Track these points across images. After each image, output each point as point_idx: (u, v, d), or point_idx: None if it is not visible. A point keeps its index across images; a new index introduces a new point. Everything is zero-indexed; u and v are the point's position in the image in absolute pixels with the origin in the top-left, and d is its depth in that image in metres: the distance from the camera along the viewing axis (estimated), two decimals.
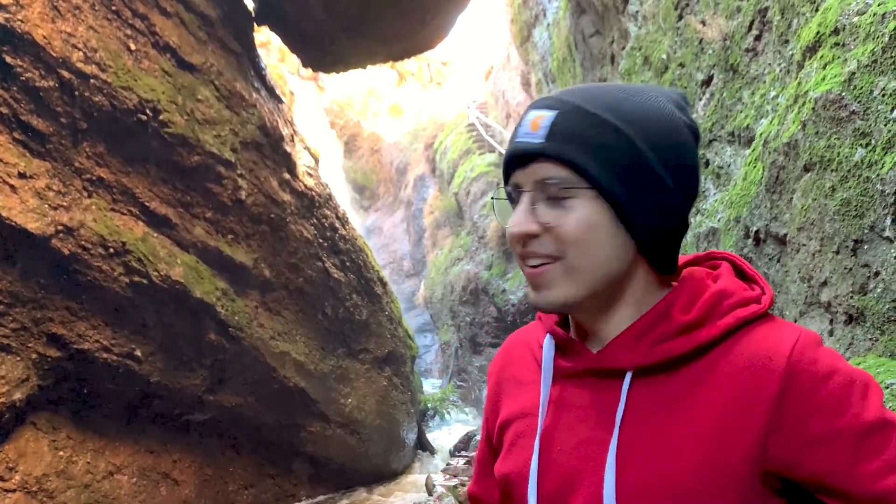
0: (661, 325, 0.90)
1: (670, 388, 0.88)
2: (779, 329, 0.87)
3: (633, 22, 6.60)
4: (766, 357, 0.84)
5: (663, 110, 0.91)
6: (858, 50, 2.69)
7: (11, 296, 5.19)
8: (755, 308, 0.89)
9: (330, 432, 8.49)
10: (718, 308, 0.89)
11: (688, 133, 0.92)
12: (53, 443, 5.71)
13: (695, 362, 0.88)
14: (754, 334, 0.87)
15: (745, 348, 0.86)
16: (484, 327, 15.54)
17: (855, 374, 0.83)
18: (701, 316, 0.89)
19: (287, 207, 7.52)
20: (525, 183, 0.91)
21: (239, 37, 7.23)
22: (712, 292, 0.90)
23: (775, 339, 0.86)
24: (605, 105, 0.89)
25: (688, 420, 0.86)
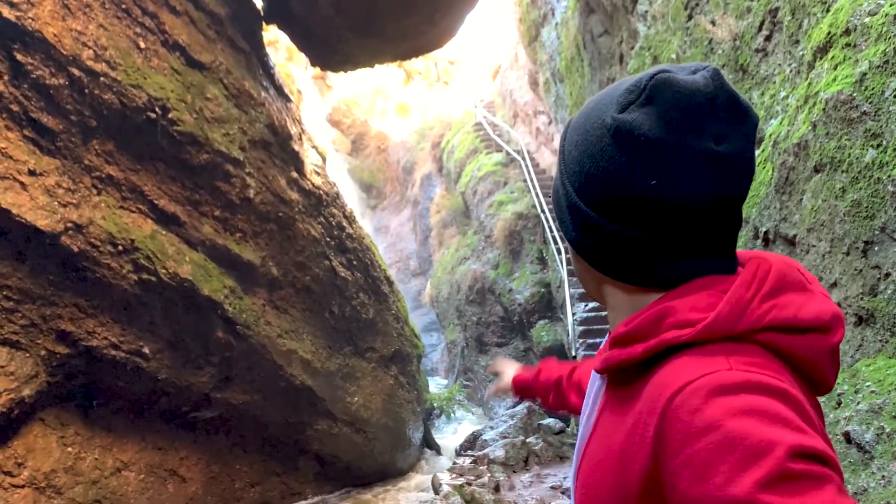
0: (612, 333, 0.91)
1: (621, 397, 0.88)
2: (691, 364, 0.77)
3: (642, 22, 6.58)
4: (658, 392, 0.77)
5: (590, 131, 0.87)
6: (870, 50, 2.68)
7: (21, 292, 5.22)
8: (683, 333, 0.80)
9: (336, 430, 8.50)
10: (658, 326, 0.83)
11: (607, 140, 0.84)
12: (62, 439, 5.74)
13: (641, 378, 0.84)
14: (673, 364, 0.79)
15: (659, 377, 0.80)
16: (490, 327, 15.54)
17: (746, 438, 0.67)
18: (636, 332, 0.85)
19: (295, 206, 7.53)
20: None
21: (247, 35, 7.25)
22: (658, 308, 0.85)
23: (676, 375, 0.77)
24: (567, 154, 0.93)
25: (614, 431, 0.86)
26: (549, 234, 13.75)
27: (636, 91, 0.83)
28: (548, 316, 14.10)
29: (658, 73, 0.82)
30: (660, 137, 0.80)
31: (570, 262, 10.13)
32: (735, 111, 0.82)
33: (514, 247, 15.53)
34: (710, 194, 0.81)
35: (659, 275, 0.88)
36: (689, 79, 0.82)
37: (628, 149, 0.82)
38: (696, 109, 0.80)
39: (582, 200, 0.88)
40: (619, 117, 0.82)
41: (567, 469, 8.28)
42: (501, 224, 15.89)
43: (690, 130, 0.80)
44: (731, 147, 0.81)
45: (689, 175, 0.80)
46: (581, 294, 12.57)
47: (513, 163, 18.02)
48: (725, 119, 0.81)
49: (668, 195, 0.81)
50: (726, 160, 0.81)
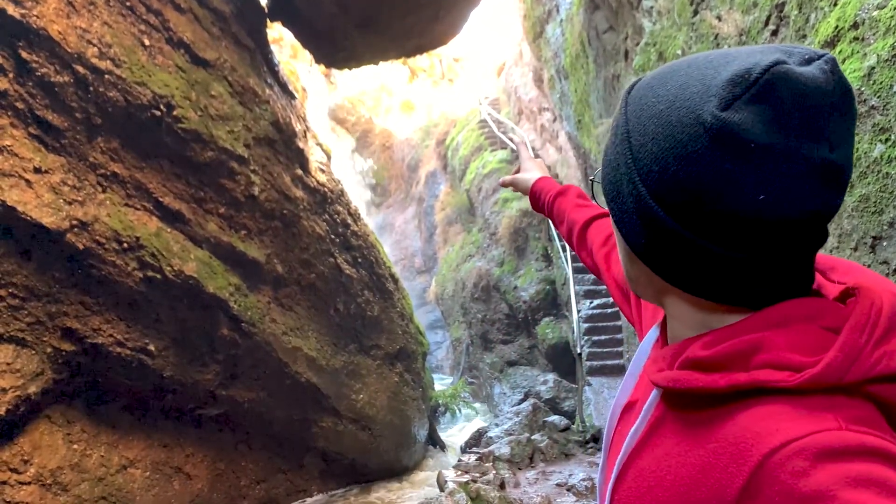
0: (687, 350, 0.80)
1: (688, 420, 0.79)
2: (792, 416, 0.67)
3: (647, 17, 6.56)
4: (749, 441, 0.68)
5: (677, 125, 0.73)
6: (878, 44, 2.66)
7: (27, 290, 5.23)
8: (782, 377, 0.70)
9: (341, 428, 8.51)
10: (748, 359, 0.73)
11: (704, 141, 0.70)
12: (68, 436, 5.76)
13: (715, 407, 0.75)
14: (762, 408, 0.70)
15: (742, 420, 0.71)
16: (495, 324, 15.53)
17: None
18: (719, 359, 0.75)
19: (299, 203, 7.53)
20: None
21: (252, 33, 7.25)
22: (751, 338, 0.74)
23: (774, 425, 0.67)
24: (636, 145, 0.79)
25: (678, 462, 0.77)
26: (554, 231, 13.73)
27: (744, 84, 0.69)
28: (553, 313, 14.09)
29: (775, 65, 0.68)
30: (773, 144, 0.68)
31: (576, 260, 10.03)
32: (849, 109, 0.71)
33: (519, 244, 15.52)
34: (816, 209, 0.71)
35: (742, 293, 0.77)
36: (807, 72, 0.69)
37: (732, 155, 0.69)
38: (816, 111, 0.69)
39: (658, 204, 0.75)
40: (723, 116, 0.69)
41: (572, 466, 8.27)
42: (506, 221, 15.87)
43: (808, 136, 0.68)
44: (843, 153, 0.71)
45: (800, 189, 0.69)
46: (587, 291, 12.56)
47: (518, 160, 17.98)
48: (841, 120, 0.70)
49: (771, 212, 0.70)
50: (839, 170, 0.70)
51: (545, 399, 12.13)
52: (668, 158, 0.73)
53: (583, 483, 7.15)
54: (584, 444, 9.04)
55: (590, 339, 11.31)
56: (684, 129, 0.72)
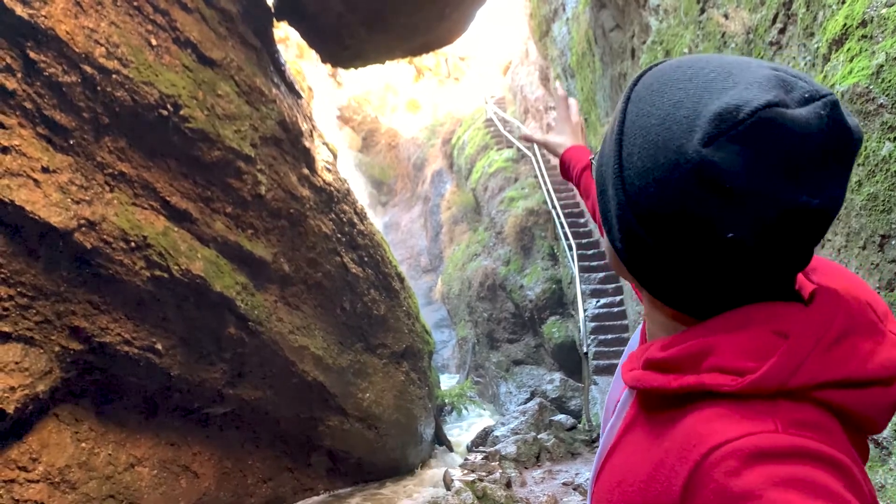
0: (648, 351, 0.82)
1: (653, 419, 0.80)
2: (731, 418, 0.69)
3: (654, 16, 6.54)
4: (692, 441, 0.70)
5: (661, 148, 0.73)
6: (887, 42, 2.65)
7: (35, 289, 5.25)
8: (724, 381, 0.71)
9: (348, 426, 8.52)
10: (700, 361, 0.75)
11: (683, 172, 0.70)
12: (76, 434, 5.78)
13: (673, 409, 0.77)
14: (709, 412, 0.71)
15: (692, 420, 0.72)
16: (501, 323, 15.53)
17: None
18: (673, 361, 0.77)
19: (306, 202, 7.55)
20: None
21: (258, 32, 7.26)
22: (702, 342, 0.75)
23: (714, 428, 0.69)
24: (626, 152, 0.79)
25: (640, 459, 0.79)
26: (560, 230, 13.72)
27: (730, 121, 0.68)
28: (559, 312, 14.08)
29: (766, 107, 0.67)
30: (750, 188, 0.68)
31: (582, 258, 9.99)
32: (844, 152, 0.70)
33: (525, 243, 15.51)
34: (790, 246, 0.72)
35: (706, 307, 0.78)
36: (800, 117, 0.67)
37: (707, 191, 0.69)
38: (801, 157, 0.68)
39: (636, 219, 0.77)
40: (704, 153, 0.68)
41: (579, 465, 8.27)
42: (512, 220, 15.86)
43: (789, 181, 0.68)
44: (826, 199, 0.70)
45: (774, 231, 0.70)
46: (593, 290, 12.54)
47: (524, 159, 17.99)
48: (830, 165, 0.69)
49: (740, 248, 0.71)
50: (819, 215, 0.70)
51: (551, 398, 12.13)
52: (648, 178, 0.74)
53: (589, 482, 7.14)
54: (591, 443, 9.04)
55: (596, 338, 11.30)
56: (667, 154, 0.72)
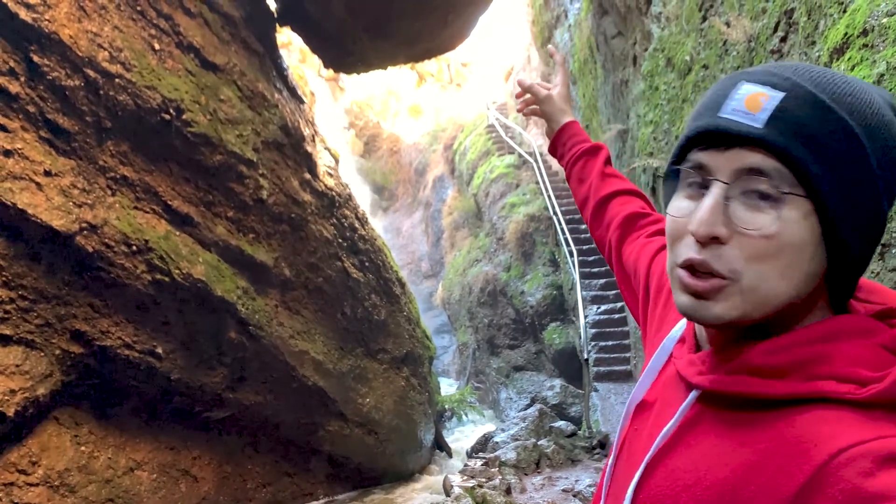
0: (743, 356, 0.80)
1: (729, 427, 0.79)
2: (855, 423, 0.69)
3: (655, 23, 6.56)
4: (811, 442, 0.69)
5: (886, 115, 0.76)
6: (888, 51, 2.65)
7: (36, 292, 5.26)
8: (847, 389, 0.71)
9: (348, 431, 8.51)
10: (808, 368, 0.75)
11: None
12: (75, 438, 5.78)
13: (764, 412, 0.76)
14: (825, 414, 0.71)
15: (803, 423, 0.72)
16: (502, 329, 15.52)
17: None
18: (781, 367, 0.76)
19: (307, 207, 7.56)
20: (721, 169, 0.77)
21: (261, 37, 7.28)
22: (813, 349, 0.75)
23: (840, 429, 0.69)
24: (837, 97, 0.75)
25: (719, 462, 0.77)
26: (561, 236, 13.72)
27: None
28: (560, 318, 14.07)
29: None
30: None
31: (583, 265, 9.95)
32: None
33: (526, 249, 15.52)
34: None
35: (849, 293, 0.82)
36: None
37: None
38: None
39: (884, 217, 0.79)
40: None
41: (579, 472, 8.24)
42: (513, 226, 15.87)
43: None
44: None
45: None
46: (594, 296, 12.54)
47: (525, 165, 18.01)
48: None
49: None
50: None
51: (552, 404, 12.11)
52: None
53: (589, 489, 7.13)
54: (591, 450, 9.02)
55: (597, 345, 11.29)
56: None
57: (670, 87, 5.97)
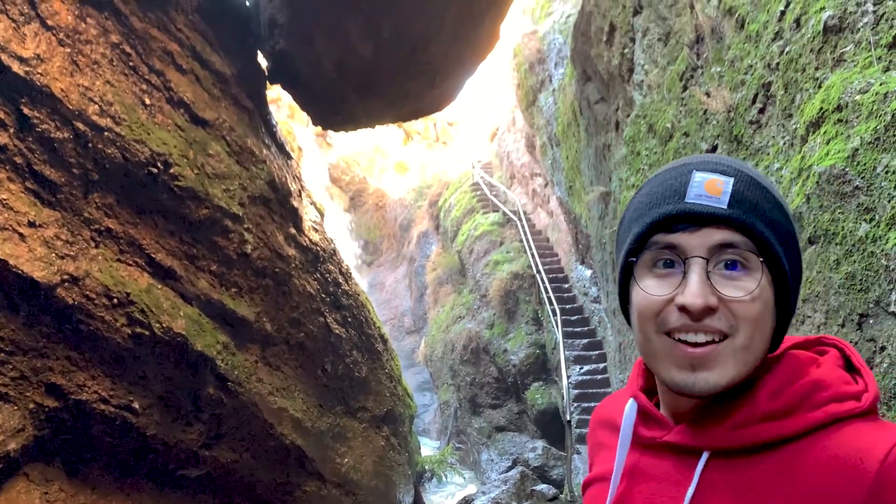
0: (745, 409, 0.86)
1: (748, 475, 0.84)
2: (877, 429, 0.80)
3: (637, 90, 6.74)
4: (856, 458, 0.77)
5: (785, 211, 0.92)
6: (861, 127, 2.74)
7: (13, 344, 5.17)
8: (852, 405, 0.82)
9: (325, 492, 8.33)
10: (811, 399, 0.84)
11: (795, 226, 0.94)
12: (45, 495, 5.61)
13: (777, 451, 0.83)
14: (847, 432, 0.80)
15: (833, 446, 0.80)
16: (484, 388, 15.38)
17: None
18: (790, 405, 0.84)
19: (292, 262, 7.55)
20: (697, 247, 0.85)
21: (252, 94, 7.39)
22: (806, 381, 0.85)
23: (871, 440, 0.78)
24: (765, 179, 0.89)
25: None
26: (544, 294, 13.75)
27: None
28: (543, 378, 13.98)
29: None
30: None
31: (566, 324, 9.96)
32: None
33: (510, 307, 15.51)
34: None
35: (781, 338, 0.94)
36: None
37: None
38: None
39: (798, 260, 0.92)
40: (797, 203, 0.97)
41: None
42: (497, 283, 15.89)
43: None
44: None
45: None
46: (577, 356, 12.51)
47: (509, 223, 18.15)
48: None
49: None
50: None
51: (533, 466, 11.93)
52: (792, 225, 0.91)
53: None
54: None
55: (579, 406, 11.21)
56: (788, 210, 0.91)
57: (652, 153, 6.10)
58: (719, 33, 4.77)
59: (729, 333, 0.84)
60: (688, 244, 0.85)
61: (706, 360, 0.84)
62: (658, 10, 6.03)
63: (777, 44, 3.86)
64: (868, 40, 2.90)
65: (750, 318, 0.83)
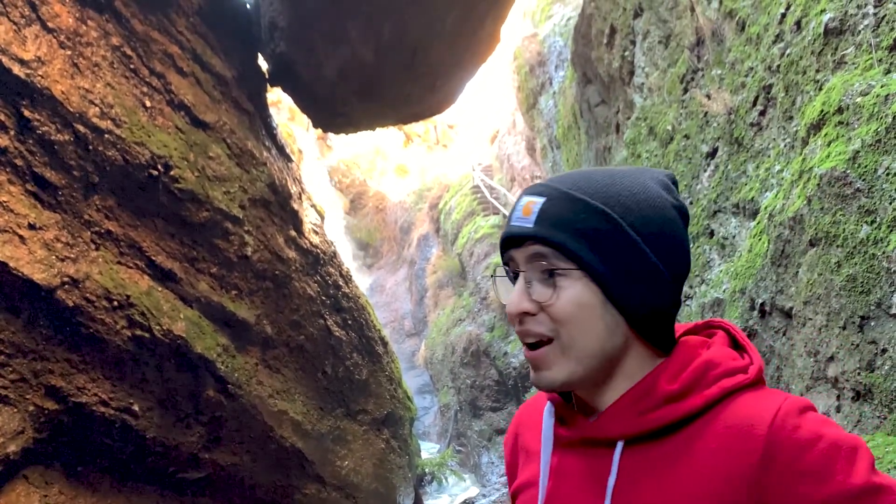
0: (648, 396, 0.94)
1: (660, 456, 0.91)
2: (763, 397, 0.89)
3: (638, 93, 6.74)
4: (748, 425, 0.86)
5: (649, 191, 0.96)
6: (862, 129, 2.74)
7: (13, 346, 5.16)
8: (741, 378, 0.91)
9: (325, 495, 8.31)
10: (705, 378, 0.92)
11: (674, 212, 0.97)
12: (45, 498, 5.59)
13: (682, 430, 0.91)
14: (738, 403, 0.89)
15: (728, 416, 0.88)
16: (484, 390, 15.37)
17: (841, 439, 0.83)
18: (686, 386, 0.92)
19: (292, 264, 7.55)
20: (520, 260, 0.97)
21: (252, 97, 7.39)
22: (699, 362, 0.93)
23: (758, 407, 0.87)
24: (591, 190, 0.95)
25: (676, 488, 0.88)
26: None
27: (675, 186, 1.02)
28: None
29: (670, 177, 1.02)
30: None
31: None
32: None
33: None
34: None
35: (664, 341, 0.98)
36: None
37: (685, 222, 0.99)
38: None
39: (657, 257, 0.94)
40: (679, 203, 0.98)
41: None
42: None
43: None
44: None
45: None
46: None
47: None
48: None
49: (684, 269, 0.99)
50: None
51: None
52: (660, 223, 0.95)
53: None
54: None
55: None
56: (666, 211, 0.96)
57: (652, 156, 6.10)
58: (720, 36, 4.77)
59: (552, 336, 0.94)
60: (517, 258, 0.98)
61: (540, 360, 0.96)
62: (658, 13, 6.03)
63: (778, 46, 3.86)
64: (869, 42, 2.90)
65: (566, 320, 0.93)
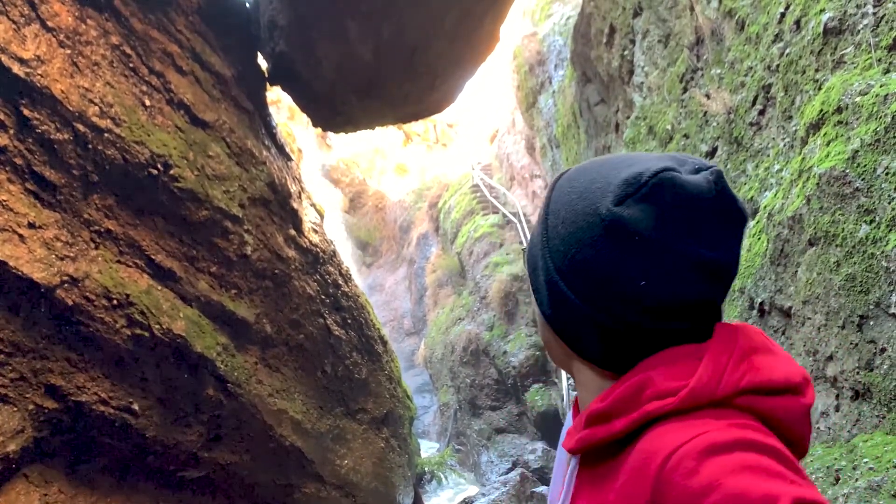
0: (581, 415, 0.90)
1: (601, 474, 0.87)
2: (678, 429, 0.76)
3: (637, 92, 6.74)
4: (647, 460, 0.76)
5: (579, 213, 0.86)
6: (861, 129, 2.74)
7: (13, 345, 5.17)
8: (669, 402, 0.79)
9: (325, 494, 8.32)
10: (637, 398, 0.82)
11: (599, 231, 0.83)
12: (45, 497, 5.60)
13: (619, 453, 0.83)
14: (657, 431, 0.78)
15: (643, 446, 0.79)
16: (484, 389, 15.38)
17: (747, 493, 0.65)
18: (613, 406, 0.84)
19: (291, 263, 7.55)
20: None
21: (252, 96, 7.39)
22: (632, 382, 0.84)
23: (664, 441, 0.76)
24: (537, 233, 0.95)
25: None
26: None
27: (635, 185, 0.81)
28: (542, 380, 13.98)
29: (663, 171, 0.80)
30: (654, 238, 0.79)
31: None
32: (732, 217, 0.83)
33: (510, 308, 15.51)
34: (693, 299, 0.82)
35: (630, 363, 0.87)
36: (692, 180, 0.80)
37: (620, 245, 0.81)
38: (696, 213, 0.80)
39: (562, 280, 0.88)
40: (615, 210, 0.81)
41: None
42: (497, 285, 15.89)
43: (687, 234, 0.80)
44: (722, 255, 0.82)
45: (678, 280, 0.81)
46: None
47: (509, 225, 18.15)
48: (722, 225, 0.82)
49: (653, 296, 0.81)
50: (716, 268, 0.82)
51: (533, 469, 11.93)
52: (570, 241, 0.86)
53: None
54: None
55: None
56: (586, 217, 0.84)
57: None
58: (719, 35, 4.77)
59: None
60: None
61: None
62: (658, 12, 6.03)
63: (777, 46, 3.86)
64: (868, 42, 2.90)
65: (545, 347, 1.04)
